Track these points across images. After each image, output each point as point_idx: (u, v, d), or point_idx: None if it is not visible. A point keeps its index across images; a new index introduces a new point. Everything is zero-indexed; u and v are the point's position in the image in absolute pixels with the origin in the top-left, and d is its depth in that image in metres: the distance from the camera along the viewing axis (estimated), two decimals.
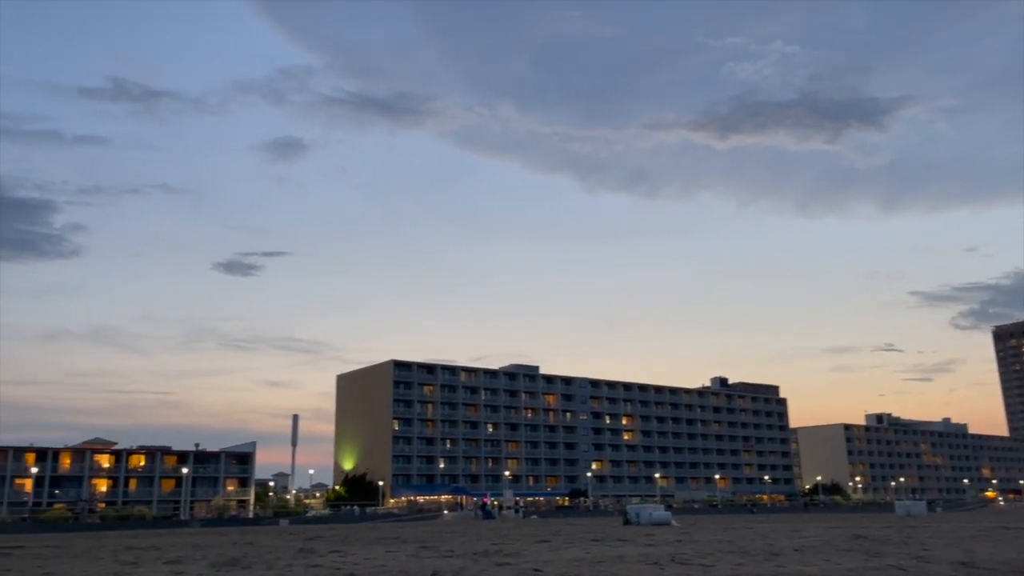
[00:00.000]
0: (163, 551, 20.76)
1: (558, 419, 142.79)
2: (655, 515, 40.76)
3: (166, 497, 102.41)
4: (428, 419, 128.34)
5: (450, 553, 17.20)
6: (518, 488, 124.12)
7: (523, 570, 12.68)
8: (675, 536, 24.09)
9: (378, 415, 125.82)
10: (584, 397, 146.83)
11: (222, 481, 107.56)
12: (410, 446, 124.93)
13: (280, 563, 15.19)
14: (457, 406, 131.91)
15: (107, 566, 15.62)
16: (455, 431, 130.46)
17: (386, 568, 13.46)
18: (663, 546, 18.74)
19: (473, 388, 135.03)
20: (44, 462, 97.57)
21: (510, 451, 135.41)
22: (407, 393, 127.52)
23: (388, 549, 19.11)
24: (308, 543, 23.57)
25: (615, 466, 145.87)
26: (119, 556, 18.85)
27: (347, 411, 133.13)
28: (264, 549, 20.46)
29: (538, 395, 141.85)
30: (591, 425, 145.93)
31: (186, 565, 15.29)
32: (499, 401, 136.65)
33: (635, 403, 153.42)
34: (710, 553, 16.24)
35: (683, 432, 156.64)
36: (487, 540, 23.31)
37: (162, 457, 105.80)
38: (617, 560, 14.60)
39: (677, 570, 12.61)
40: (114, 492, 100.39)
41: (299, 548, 20.45)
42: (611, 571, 12.49)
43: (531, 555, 16.13)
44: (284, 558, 16.63)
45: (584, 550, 17.45)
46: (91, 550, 22.68)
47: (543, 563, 14.05)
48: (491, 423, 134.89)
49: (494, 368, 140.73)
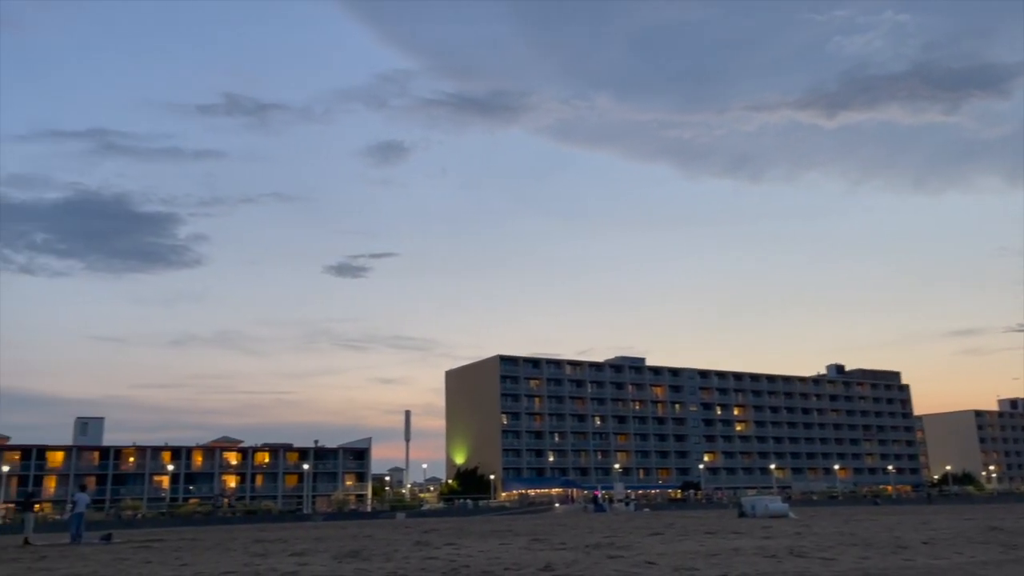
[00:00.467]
0: (288, 543, 21.72)
1: (667, 411, 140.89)
2: (771, 507, 39.64)
3: (289, 492, 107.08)
4: (536, 413, 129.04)
5: (562, 546, 17.28)
6: (628, 481, 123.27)
7: (636, 563, 12.60)
8: (793, 528, 23.40)
9: (487, 410, 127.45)
10: (693, 388, 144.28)
11: (340, 476, 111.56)
12: (519, 440, 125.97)
13: (398, 555, 15.64)
14: (564, 399, 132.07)
15: (238, 557, 16.46)
16: (563, 424, 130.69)
17: (499, 560, 13.65)
18: (781, 539, 18.24)
19: (579, 381, 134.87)
20: (178, 460, 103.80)
21: (619, 444, 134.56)
22: (514, 387, 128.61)
23: (501, 542, 19.36)
24: (424, 536, 24.16)
25: (728, 458, 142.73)
26: (249, 548, 19.84)
27: (456, 406, 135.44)
28: (382, 542, 21.10)
29: (645, 387, 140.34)
30: (701, 416, 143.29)
31: (310, 557, 15.95)
32: (606, 394, 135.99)
33: (747, 393, 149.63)
34: (831, 546, 15.70)
35: (798, 422, 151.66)
36: (599, 533, 23.28)
37: (284, 454, 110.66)
38: (733, 553, 14.32)
39: (796, 563, 12.26)
40: (242, 488, 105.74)
41: (415, 541, 20.99)
42: (727, 564, 12.26)
43: (644, 548, 16.01)
44: (401, 550, 17.11)
45: (698, 543, 17.18)
46: (223, 542, 23.96)
47: (656, 556, 13.93)
48: (599, 416, 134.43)
49: (599, 361, 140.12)
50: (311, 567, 13.29)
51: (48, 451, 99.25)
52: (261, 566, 13.88)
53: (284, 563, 14.40)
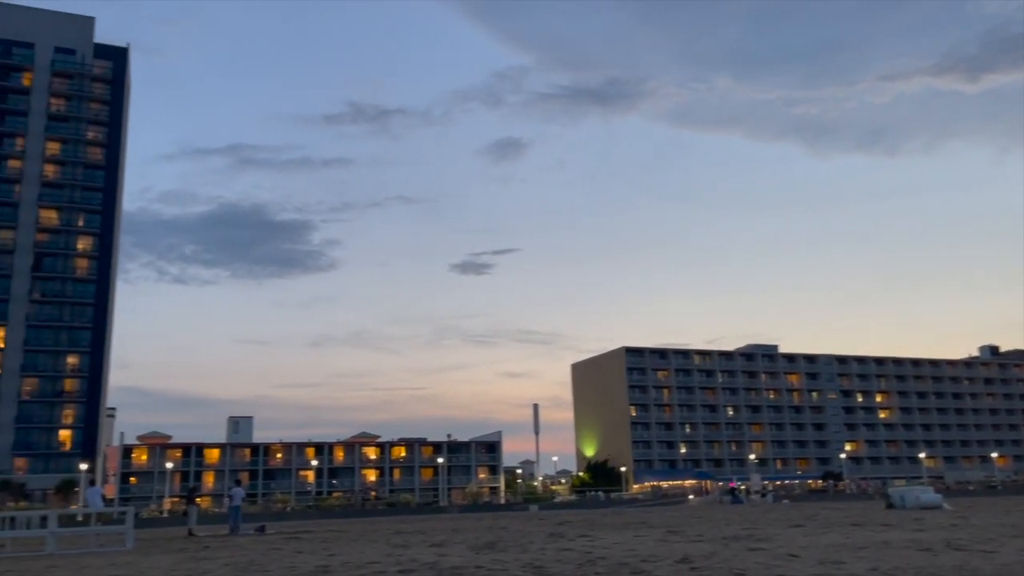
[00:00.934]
0: (427, 535, 22.40)
1: (803, 399, 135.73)
2: (923, 498, 37.42)
3: (425, 485, 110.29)
4: (665, 404, 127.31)
5: (699, 538, 16.99)
6: (765, 472, 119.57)
7: (778, 555, 12.24)
8: (948, 520, 22.05)
9: (615, 402, 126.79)
10: (831, 375, 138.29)
11: (473, 469, 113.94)
12: (649, 432, 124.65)
13: (533, 547, 15.83)
14: (694, 390, 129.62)
15: (381, 548, 17.12)
16: (694, 415, 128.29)
17: (635, 552, 13.58)
18: (935, 531, 17.23)
19: (708, 371, 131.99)
20: (322, 455, 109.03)
21: (753, 434, 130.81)
22: (641, 379, 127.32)
23: (636, 534, 19.25)
24: (557, 528, 24.34)
25: (872, 446, 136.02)
26: (390, 540, 20.60)
27: (584, 399, 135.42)
28: (517, 533, 21.42)
29: (779, 375, 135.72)
30: (841, 404, 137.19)
31: (448, 548, 16.39)
32: (737, 383, 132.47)
33: (890, 378, 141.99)
34: (991, 538, 14.70)
35: (949, 407, 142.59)
36: (736, 525, 22.73)
37: (419, 448, 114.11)
38: (883, 546, 13.65)
39: (953, 557, 11.56)
40: (381, 481, 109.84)
41: (549, 533, 21.18)
42: (876, 557, 11.71)
43: (785, 540, 15.52)
44: (536, 542, 17.31)
45: (844, 535, 16.49)
46: (366, 534, 24.99)
47: (799, 548, 13.47)
48: (731, 406, 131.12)
49: (729, 349, 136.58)
50: (449, 558, 13.67)
51: (206, 448, 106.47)
52: (403, 556, 14.40)
53: (424, 554, 14.88)
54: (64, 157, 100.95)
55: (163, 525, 56.33)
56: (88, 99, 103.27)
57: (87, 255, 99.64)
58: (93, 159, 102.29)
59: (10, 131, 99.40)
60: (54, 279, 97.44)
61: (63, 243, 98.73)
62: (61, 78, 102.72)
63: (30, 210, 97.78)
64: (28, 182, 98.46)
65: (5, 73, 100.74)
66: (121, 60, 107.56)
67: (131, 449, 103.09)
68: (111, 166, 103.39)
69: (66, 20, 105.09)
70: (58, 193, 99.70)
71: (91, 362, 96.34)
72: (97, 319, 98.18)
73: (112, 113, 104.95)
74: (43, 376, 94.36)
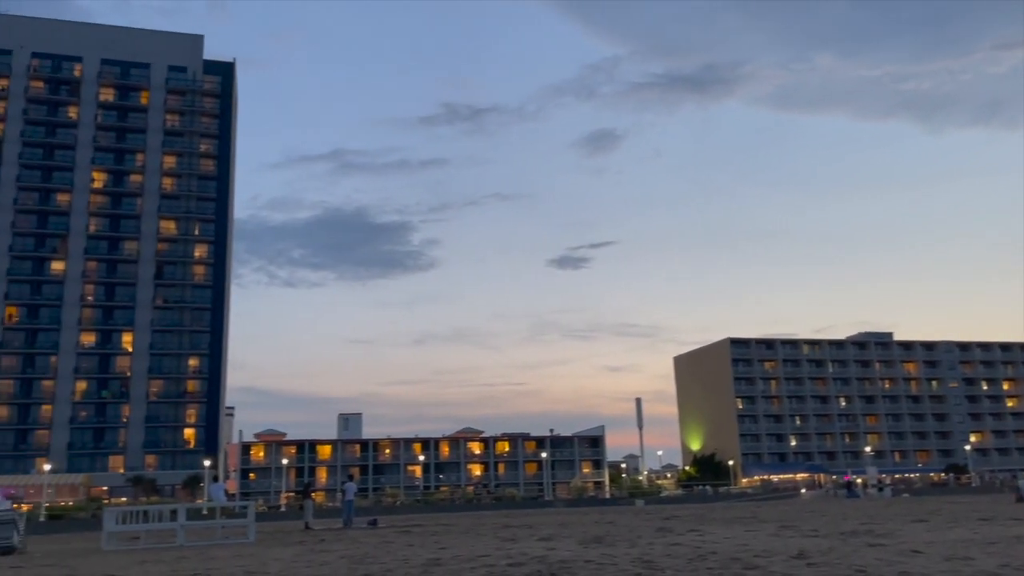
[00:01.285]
0: (534, 529, 22.54)
1: (921, 388, 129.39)
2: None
3: (529, 480, 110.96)
4: (772, 396, 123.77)
5: (814, 533, 16.45)
6: (882, 465, 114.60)
7: (901, 551, 11.72)
8: None
9: (720, 394, 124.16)
10: (952, 363, 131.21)
11: (577, 464, 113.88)
12: (757, 424, 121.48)
13: (641, 541, 15.70)
14: (803, 381, 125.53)
15: (490, 542, 17.33)
16: (803, 407, 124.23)
17: (748, 547, 13.27)
18: None
19: (818, 361, 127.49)
20: (428, 451, 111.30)
21: (868, 425, 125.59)
22: (747, 371, 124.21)
23: (747, 528, 18.81)
24: (665, 522, 24.05)
25: (999, 437, 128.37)
26: (498, 533, 20.83)
27: (688, 392, 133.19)
28: (624, 528, 21.29)
29: (895, 364, 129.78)
30: (964, 393, 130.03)
31: (556, 542, 16.44)
32: (849, 373, 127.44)
33: (1017, 365, 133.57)
34: None
35: None
36: (853, 520, 21.88)
37: (523, 443, 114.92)
38: (1015, 541, 12.87)
39: None
40: (486, 476, 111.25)
41: (657, 527, 20.95)
42: (1007, 553, 11.05)
43: (907, 535, 14.84)
44: (644, 536, 17.16)
45: (971, 530, 15.63)
46: (474, 528, 25.37)
47: (924, 544, 12.86)
48: (843, 396, 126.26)
49: (840, 338, 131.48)
50: (558, 552, 13.71)
51: (318, 445, 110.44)
52: (512, 549, 14.54)
53: (533, 547, 14.98)
54: (180, 170, 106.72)
55: (278, 519, 58.78)
56: (200, 113, 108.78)
57: (203, 262, 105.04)
58: (206, 171, 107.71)
59: (131, 147, 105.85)
60: (174, 286, 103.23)
61: (181, 252, 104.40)
62: (175, 95, 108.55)
63: (151, 221, 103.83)
64: (148, 195, 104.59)
65: (125, 93, 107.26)
66: (228, 74, 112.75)
67: (249, 446, 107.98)
68: (222, 176, 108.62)
69: (177, 40, 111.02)
70: (175, 204, 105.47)
71: (210, 364, 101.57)
72: (215, 323, 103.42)
73: (222, 126, 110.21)
74: (167, 378, 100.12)
